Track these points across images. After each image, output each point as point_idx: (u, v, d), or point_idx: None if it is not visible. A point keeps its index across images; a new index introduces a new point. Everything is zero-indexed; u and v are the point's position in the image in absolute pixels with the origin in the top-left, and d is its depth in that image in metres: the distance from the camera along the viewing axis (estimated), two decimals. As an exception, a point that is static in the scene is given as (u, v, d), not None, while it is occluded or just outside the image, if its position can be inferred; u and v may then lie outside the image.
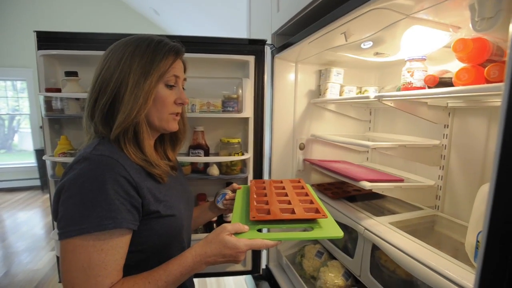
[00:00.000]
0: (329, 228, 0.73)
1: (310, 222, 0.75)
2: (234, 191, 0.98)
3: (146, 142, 0.65)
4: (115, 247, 0.55)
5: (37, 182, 4.83)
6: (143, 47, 0.64)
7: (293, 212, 0.77)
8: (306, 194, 0.91)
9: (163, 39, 0.68)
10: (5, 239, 3.10)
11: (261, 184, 1.01)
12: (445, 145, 1.00)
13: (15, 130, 5.16)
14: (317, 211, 0.77)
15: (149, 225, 0.60)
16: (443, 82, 0.77)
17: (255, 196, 0.87)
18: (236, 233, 0.66)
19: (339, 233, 0.70)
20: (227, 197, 0.96)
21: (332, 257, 1.18)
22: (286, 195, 0.90)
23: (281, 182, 1.02)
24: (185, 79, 0.74)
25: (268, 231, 1.18)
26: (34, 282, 2.36)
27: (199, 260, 0.60)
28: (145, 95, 0.62)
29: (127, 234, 0.57)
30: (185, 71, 0.75)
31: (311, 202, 0.84)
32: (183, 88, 0.73)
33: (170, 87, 0.67)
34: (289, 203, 0.83)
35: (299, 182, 1.02)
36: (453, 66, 0.88)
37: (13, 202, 4.29)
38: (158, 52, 0.64)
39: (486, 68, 0.63)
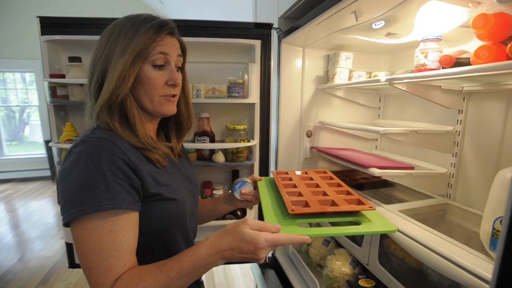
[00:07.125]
0: (378, 222, 0.64)
1: (354, 215, 0.66)
2: (254, 183, 0.88)
3: (139, 126, 0.62)
4: (124, 228, 0.54)
5: (48, 173, 4.94)
6: (128, 26, 0.61)
7: (333, 204, 0.68)
8: (339, 185, 0.82)
9: (151, 16, 0.63)
10: (18, 227, 3.19)
11: (285, 175, 0.92)
12: (459, 131, 0.96)
13: (25, 122, 5.27)
14: (359, 202, 0.69)
15: (151, 208, 0.59)
16: (460, 63, 0.72)
17: (284, 188, 0.78)
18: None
19: (391, 227, 0.61)
20: (243, 191, 0.84)
21: (339, 245, 1.16)
22: (318, 185, 0.81)
23: (306, 172, 0.94)
24: (180, 56, 0.67)
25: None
26: (46, 268, 2.44)
27: (213, 252, 0.54)
28: (119, 76, 0.58)
29: (133, 215, 0.56)
30: (184, 50, 0.70)
31: (348, 192, 0.76)
32: (181, 68, 0.69)
33: (159, 67, 0.63)
34: (325, 194, 0.74)
35: (325, 172, 0.93)
36: (471, 47, 0.83)
37: (25, 191, 4.40)
38: (139, 29, 0.60)
39: (509, 45, 0.59)
